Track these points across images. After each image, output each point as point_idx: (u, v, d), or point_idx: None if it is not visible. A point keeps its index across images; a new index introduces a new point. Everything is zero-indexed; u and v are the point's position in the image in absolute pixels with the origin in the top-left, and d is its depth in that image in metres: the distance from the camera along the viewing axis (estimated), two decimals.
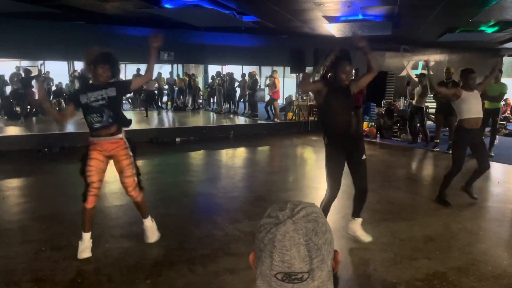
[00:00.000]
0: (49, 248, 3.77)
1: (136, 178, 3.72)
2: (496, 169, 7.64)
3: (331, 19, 10.20)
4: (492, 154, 8.13)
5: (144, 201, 3.86)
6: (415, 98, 9.65)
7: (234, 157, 9.30)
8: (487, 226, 4.59)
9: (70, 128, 11.52)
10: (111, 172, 3.63)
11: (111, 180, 6.69)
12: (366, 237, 3.93)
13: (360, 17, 9.92)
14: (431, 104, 10.22)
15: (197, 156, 9.17)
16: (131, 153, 3.66)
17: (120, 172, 3.65)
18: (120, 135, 3.62)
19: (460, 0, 8.22)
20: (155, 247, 3.83)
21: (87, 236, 3.59)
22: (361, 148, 3.84)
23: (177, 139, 10.16)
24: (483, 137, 5.41)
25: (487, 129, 8.72)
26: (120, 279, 3.25)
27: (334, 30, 11.06)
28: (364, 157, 3.82)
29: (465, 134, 4.97)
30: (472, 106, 4.97)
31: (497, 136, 8.87)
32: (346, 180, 6.03)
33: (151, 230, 3.88)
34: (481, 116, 5.04)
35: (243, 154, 9.65)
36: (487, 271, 3.40)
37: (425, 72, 9.77)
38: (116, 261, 3.56)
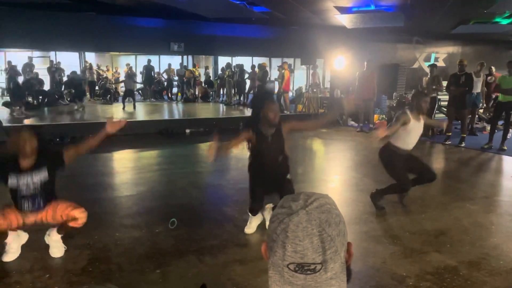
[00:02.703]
0: None
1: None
2: (509, 163, 7.54)
3: (343, 10, 10.08)
4: (505, 148, 8.04)
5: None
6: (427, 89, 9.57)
7: (244, 148, 9.28)
8: (499, 220, 4.54)
9: (80, 118, 11.61)
10: (121, 162, 3.66)
11: (121, 170, 6.75)
12: None
13: (373, 7, 9.78)
14: (443, 97, 10.10)
15: (206, 148, 9.17)
16: None
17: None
18: None
19: None
20: (165, 237, 3.86)
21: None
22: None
23: (187, 131, 10.19)
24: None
25: (500, 122, 8.60)
26: (130, 268, 3.28)
27: (346, 21, 10.93)
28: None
29: (396, 156, 4.46)
30: (410, 140, 4.48)
31: (511, 130, 8.74)
32: (357, 173, 6.01)
33: (60, 244, 3.48)
34: (411, 148, 4.54)
35: None
36: (499, 266, 3.37)
37: (436, 63, 9.64)
38: (126, 250, 3.60)
